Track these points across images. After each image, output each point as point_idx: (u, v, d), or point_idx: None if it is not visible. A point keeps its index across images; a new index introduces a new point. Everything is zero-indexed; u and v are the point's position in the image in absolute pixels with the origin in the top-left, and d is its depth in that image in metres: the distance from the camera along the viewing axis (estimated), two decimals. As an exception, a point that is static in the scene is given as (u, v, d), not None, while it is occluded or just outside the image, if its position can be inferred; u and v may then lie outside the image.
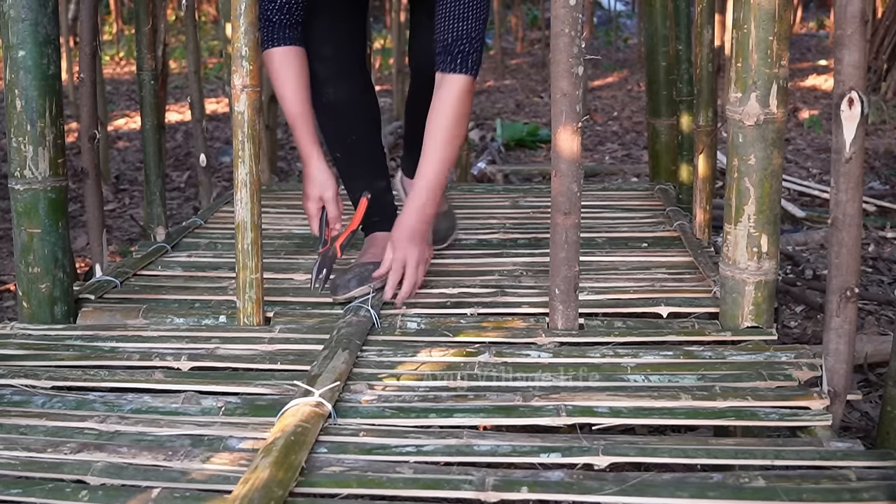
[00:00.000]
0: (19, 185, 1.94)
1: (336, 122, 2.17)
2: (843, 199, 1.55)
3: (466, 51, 1.97)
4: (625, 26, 11.12)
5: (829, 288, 1.60)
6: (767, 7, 1.65)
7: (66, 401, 1.60)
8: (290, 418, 1.45)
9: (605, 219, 2.73)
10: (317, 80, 2.11)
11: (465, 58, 1.97)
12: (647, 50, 3.12)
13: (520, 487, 1.29)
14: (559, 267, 1.83)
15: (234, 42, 1.86)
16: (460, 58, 1.98)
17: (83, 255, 3.31)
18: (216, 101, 6.73)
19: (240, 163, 1.89)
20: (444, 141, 2.01)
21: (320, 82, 2.12)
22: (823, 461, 1.37)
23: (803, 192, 4.21)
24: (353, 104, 2.17)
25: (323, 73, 2.12)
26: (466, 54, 1.97)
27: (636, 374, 1.66)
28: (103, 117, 4.37)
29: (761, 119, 1.69)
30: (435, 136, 2.01)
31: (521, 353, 1.76)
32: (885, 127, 5.46)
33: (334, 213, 2.10)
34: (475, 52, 1.98)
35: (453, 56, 1.98)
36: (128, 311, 2.01)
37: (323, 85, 2.12)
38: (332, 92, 2.13)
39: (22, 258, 1.96)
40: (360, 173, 2.26)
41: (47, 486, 1.32)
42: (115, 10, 9.43)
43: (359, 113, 2.19)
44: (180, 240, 2.58)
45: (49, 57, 1.91)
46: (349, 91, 2.15)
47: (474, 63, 1.99)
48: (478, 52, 1.99)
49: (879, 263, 3.31)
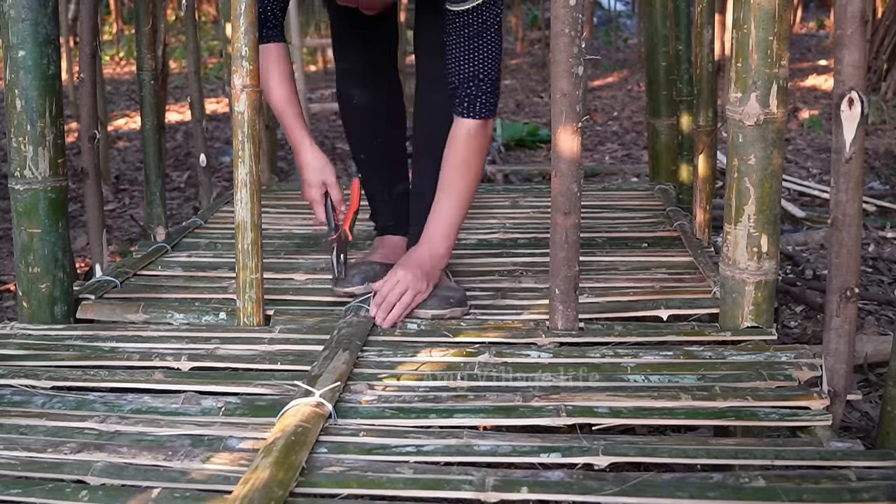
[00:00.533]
0: (19, 185, 1.94)
1: (363, 124, 2.17)
2: (843, 199, 1.55)
3: (473, 94, 1.95)
4: (625, 26, 11.12)
5: (829, 288, 1.60)
6: (767, 7, 1.65)
7: (66, 401, 1.60)
8: (290, 418, 1.45)
9: (605, 219, 2.73)
10: (346, 83, 2.13)
11: (471, 101, 1.95)
12: (647, 50, 3.13)
13: (520, 487, 1.29)
14: (559, 267, 1.83)
15: (234, 42, 1.86)
16: (467, 101, 1.95)
17: (83, 255, 3.31)
18: (216, 101, 6.73)
19: (240, 163, 1.89)
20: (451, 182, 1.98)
21: (350, 85, 2.13)
22: (823, 461, 1.37)
23: (803, 192, 4.21)
24: (382, 107, 2.18)
25: (352, 76, 2.13)
26: (473, 97, 1.95)
27: (636, 374, 1.66)
28: (103, 117, 4.37)
29: (761, 119, 1.69)
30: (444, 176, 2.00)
31: (521, 353, 1.76)
32: (885, 127, 5.46)
33: (338, 196, 2.09)
34: (483, 95, 1.95)
35: (460, 99, 1.96)
36: (127, 309, 2.01)
37: (352, 88, 2.13)
38: (360, 94, 2.14)
39: (22, 258, 1.96)
40: (384, 176, 2.27)
41: (47, 486, 1.32)
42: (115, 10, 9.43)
43: (386, 116, 2.20)
44: (180, 240, 2.58)
45: (49, 57, 1.91)
46: (377, 95, 2.16)
47: (483, 107, 1.95)
48: (487, 95, 1.95)
49: (879, 263, 3.31)
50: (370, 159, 2.27)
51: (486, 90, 1.95)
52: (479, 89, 1.94)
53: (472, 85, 1.94)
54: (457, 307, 1.97)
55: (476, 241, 2.53)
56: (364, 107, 2.15)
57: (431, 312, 1.95)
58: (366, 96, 2.14)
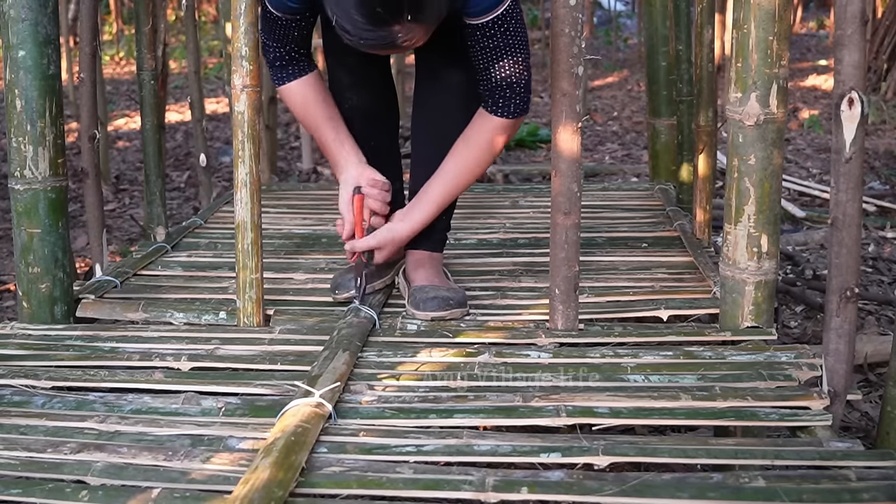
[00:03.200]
0: (19, 185, 1.94)
1: (357, 127, 2.12)
2: (843, 199, 1.55)
3: (508, 96, 1.90)
4: (625, 26, 11.11)
5: (829, 288, 1.60)
6: (767, 7, 1.65)
7: (66, 401, 1.60)
8: (290, 419, 1.45)
9: (605, 219, 2.73)
10: (339, 85, 2.09)
11: (505, 103, 1.91)
12: (647, 50, 3.13)
13: (520, 488, 1.29)
14: (559, 267, 1.83)
15: (234, 42, 1.86)
16: (501, 102, 1.91)
17: (83, 255, 3.31)
18: (216, 101, 6.72)
19: (240, 163, 1.89)
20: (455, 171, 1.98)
21: (342, 88, 2.09)
22: (823, 461, 1.37)
23: (803, 192, 4.21)
24: (375, 109, 2.14)
25: (345, 79, 2.09)
26: (508, 100, 1.90)
27: (636, 375, 1.66)
28: (103, 117, 4.37)
29: (761, 119, 1.69)
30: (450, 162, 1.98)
31: (521, 353, 1.76)
32: (885, 127, 5.46)
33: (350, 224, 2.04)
34: (516, 97, 1.90)
35: (493, 101, 1.91)
36: (127, 308, 2.01)
37: (345, 91, 2.09)
38: (354, 98, 2.10)
39: (22, 258, 1.96)
40: None
41: (47, 486, 1.32)
42: (115, 10, 9.42)
43: (379, 118, 2.16)
44: (180, 240, 2.58)
45: (49, 57, 1.91)
46: (370, 97, 2.12)
47: (517, 107, 1.92)
48: (520, 96, 1.90)
49: (879, 263, 3.31)
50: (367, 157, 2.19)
51: (519, 92, 1.90)
52: (514, 92, 1.89)
53: (505, 89, 1.89)
54: (457, 308, 1.96)
55: (476, 241, 2.53)
56: (357, 110, 2.11)
57: (431, 314, 1.94)
58: (359, 100, 2.10)
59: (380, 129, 2.15)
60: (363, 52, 1.76)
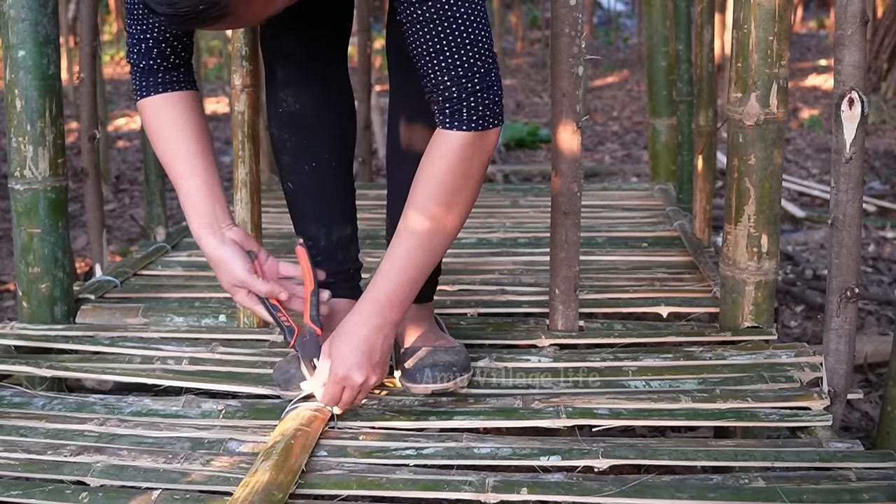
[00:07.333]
0: (19, 185, 1.94)
1: (292, 140, 1.65)
2: (843, 199, 1.55)
3: (455, 97, 1.37)
4: (625, 26, 11.11)
5: (829, 288, 1.60)
6: (767, 7, 1.65)
7: (66, 403, 1.60)
8: (290, 421, 1.45)
9: (605, 219, 2.73)
10: (273, 84, 1.65)
11: (453, 108, 1.38)
12: (647, 50, 3.12)
13: (520, 488, 1.29)
14: (559, 267, 1.83)
15: (234, 42, 1.86)
16: (448, 108, 1.38)
17: (83, 255, 3.30)
18: (216, 101, 6.72)
19: (240, 163, 1.89)
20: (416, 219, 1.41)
21: (277, 87, 1.64)
22: (824, 462, 1.37)
23: (803, 192, 4.21)
24: (317, 118, 1.65)
25: (281, 74, 1.64)
26: (455, 102, 1.38)
27: (636, 379, 1.65)
28: (103, 117, 4.36)
29: (761, 119, 1.69)
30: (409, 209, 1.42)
31: (521, 357, 1.75)
32: (885, 127, 5.46)
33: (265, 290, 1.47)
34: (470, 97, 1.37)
35: (439, 107, 1.40)
36: (128, 311, 2.01)
37: (280, 91, 1.64)
38: (290, 101, 1.63)
39: (22, 258, 1.96)
40: (316, 212, 1.69)
41: (47, 487, 1.32)
42: (115, 10, 9.42)
43: (324, 130, 1.66)
44: (180, 240, 2.58)
45: (49, 57, 1.90)
46: (314, 100, 1.64)
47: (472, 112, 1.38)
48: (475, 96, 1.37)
49: (879, 263, 3.31)
50: (297, 188, 1.69)
51: (472, 89, 1.37)
52: (463, 89, 1.37)
53: (450, 86, 1.37)
54: (460, 375, 1.59)
55: (476, 241, 2.53)
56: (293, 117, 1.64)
57: (432, 387, 1.57)
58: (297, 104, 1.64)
59: (323, 145, 1.66)
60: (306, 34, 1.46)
